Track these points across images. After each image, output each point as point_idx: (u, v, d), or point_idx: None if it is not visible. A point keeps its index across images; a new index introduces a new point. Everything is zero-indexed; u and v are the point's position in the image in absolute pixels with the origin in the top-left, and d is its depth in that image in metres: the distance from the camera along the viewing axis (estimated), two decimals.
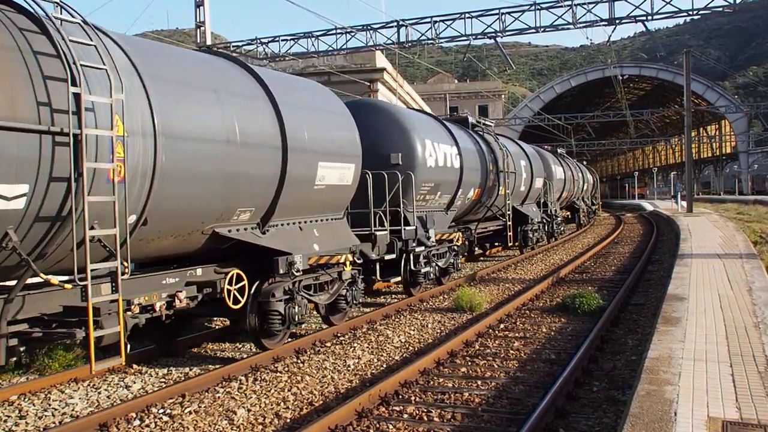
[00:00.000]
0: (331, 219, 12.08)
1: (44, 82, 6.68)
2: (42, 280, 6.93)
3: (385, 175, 14.15)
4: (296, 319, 10.37)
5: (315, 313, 12.41)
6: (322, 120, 11.54)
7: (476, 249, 24.54)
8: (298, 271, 10.32)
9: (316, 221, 11.56)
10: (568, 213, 40.65)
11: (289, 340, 10.70)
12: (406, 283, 15.44)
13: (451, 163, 17.25)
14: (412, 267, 15.16)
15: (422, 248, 15.41)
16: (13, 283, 7.01)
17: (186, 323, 11.45)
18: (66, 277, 7.06)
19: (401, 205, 14.69)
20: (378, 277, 14.41)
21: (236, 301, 9.64)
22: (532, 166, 26.76)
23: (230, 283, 9.55)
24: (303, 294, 10.71)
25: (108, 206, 7.15)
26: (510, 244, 23.91)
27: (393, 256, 14.22)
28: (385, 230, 13.89)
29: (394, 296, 16.37)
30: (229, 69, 10.09)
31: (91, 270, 6.95)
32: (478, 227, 21.74)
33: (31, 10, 7.00)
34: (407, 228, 14.74)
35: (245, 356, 10.43)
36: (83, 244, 6.93)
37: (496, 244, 25.49)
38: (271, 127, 9.90)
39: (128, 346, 7.81)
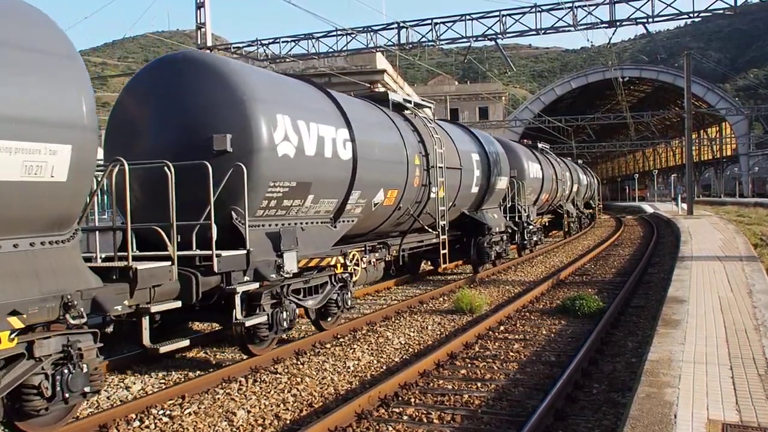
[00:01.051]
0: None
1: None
2: None
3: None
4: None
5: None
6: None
7: (421, 265, 21.15)
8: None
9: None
10: (545, 220, 33.68)
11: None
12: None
13: (334, 153, 11.82)
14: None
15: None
16: None
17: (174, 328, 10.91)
18: None
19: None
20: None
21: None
22: (489, 162, 20.96)
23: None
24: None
25: None
26: (444, 263, 17.94)
27: (178, 304, 8.56)
28: (165, 263, 8.22)
29: (366, 307, 16.26)
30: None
31: None
32: (406, 241, 16.17)
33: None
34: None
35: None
36: None
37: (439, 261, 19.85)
38: None
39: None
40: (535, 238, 26.92)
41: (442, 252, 17.25)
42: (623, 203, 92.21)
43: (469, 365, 9.73)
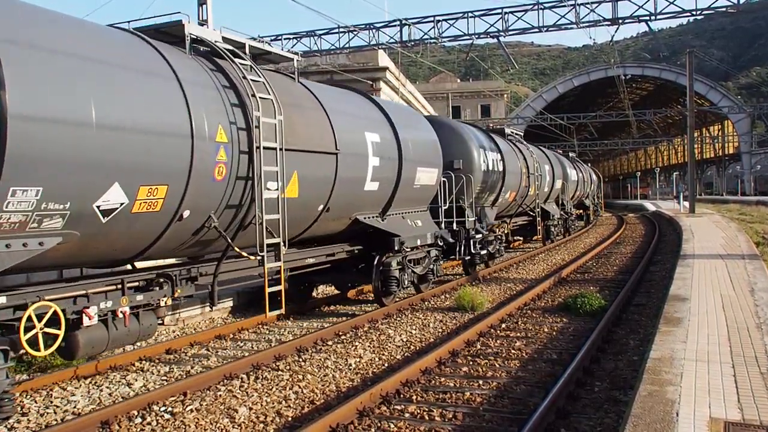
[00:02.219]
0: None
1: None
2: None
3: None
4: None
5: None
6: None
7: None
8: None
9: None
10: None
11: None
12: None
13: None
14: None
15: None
16: None
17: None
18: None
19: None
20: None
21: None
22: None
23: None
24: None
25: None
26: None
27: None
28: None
29: (368, 305, 16.20)
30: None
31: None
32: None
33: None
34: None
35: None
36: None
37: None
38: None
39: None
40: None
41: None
42: (625, 201, 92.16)
43: (471, 363, 9.73)
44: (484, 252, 19.53)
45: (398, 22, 28.14)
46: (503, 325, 12.36)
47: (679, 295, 12.09)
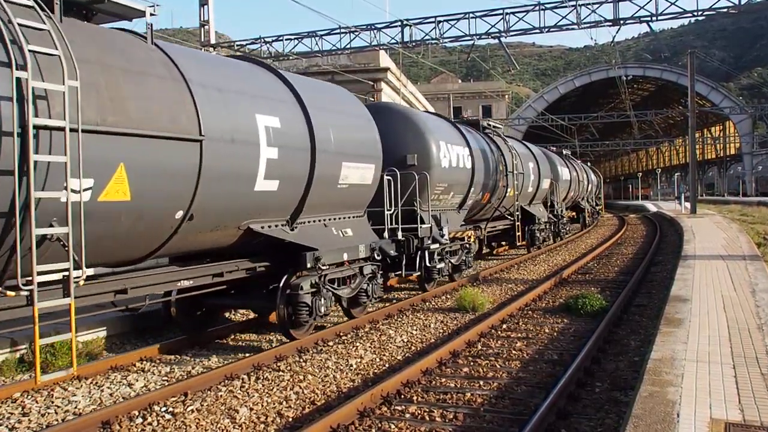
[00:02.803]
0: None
1: None
2: None
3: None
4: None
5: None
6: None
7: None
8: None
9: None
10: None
11: (313, 332, 10.69)
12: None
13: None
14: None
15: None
16: None
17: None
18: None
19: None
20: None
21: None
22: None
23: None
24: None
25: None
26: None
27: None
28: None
29: (405, 292, 16.71)
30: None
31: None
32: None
33: None
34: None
35: (273, 346, 11.14)
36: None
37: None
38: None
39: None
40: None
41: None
42: (626, 202, 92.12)
43: (472, 363, 9.73)
44: (442, 265, 16.41)
45: (399, 23, 28.12)
46: (504, 326, 12.36)
47: (680, 295, 12.09)
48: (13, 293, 6.76)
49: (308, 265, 10.82)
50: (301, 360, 10.05)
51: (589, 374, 9.01)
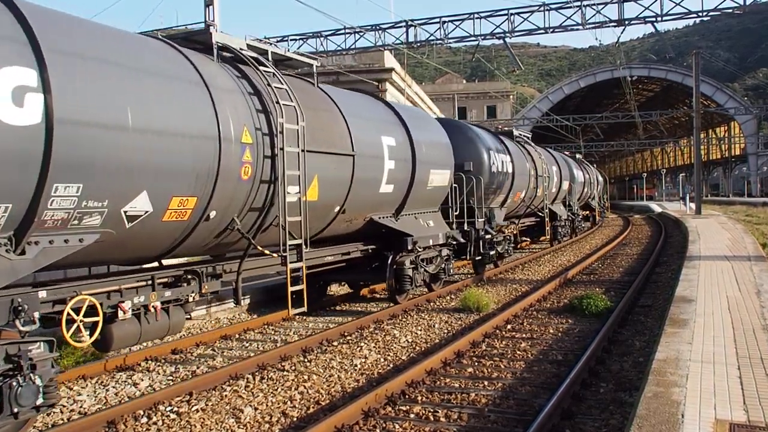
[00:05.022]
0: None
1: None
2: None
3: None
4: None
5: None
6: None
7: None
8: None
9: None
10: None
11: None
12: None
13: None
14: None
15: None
16: None
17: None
18: None
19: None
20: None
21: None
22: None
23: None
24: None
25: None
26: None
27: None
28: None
29: (373, 305, 15.85)
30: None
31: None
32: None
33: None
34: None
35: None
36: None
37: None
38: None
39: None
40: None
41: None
42: (631, 202, 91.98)
43: (476, 364, 9.73)
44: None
45: (404, 23, 28.16)
46: (508, 326, 12.36)
47: (684, 296, 12.07)
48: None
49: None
50: (306, 360, 10.07)
51: (594, 375, 9.01)
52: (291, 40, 29.63)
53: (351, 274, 14.87)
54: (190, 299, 9.41)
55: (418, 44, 28.72)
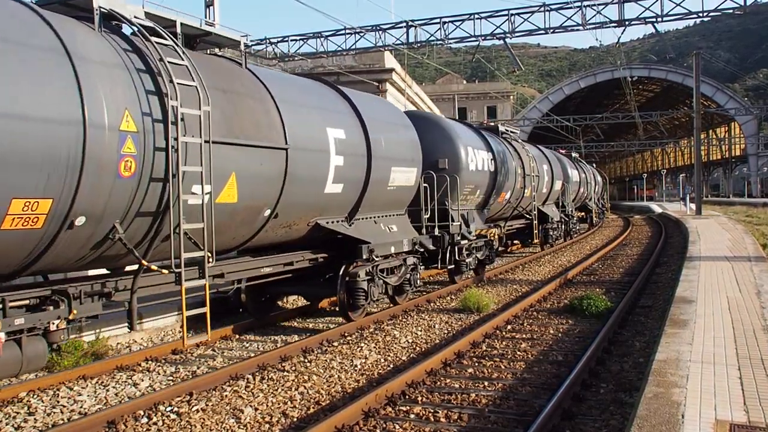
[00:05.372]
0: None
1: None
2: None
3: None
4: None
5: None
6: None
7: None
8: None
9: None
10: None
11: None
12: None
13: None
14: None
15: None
16: None
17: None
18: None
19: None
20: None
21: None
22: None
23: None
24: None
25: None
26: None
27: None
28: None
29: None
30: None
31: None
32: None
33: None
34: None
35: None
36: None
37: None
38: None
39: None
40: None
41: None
42: (631, 203, 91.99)
43: (477, 364, 9.73)
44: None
45: (404, 24, 28.15)
46: (509, 327, 12.36)
47: (685, 297, 12.07)
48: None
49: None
50: (306, 360, 10.07)
51: (594, 375, 9.01)
52: (291, 40, 29.61)
53: (301, 286, 13.21)
54: (53, 327, 7.58)
55: (419, 45, 28.71)
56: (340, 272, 12.12)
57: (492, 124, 24.64)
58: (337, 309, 13.40)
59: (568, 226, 32.37)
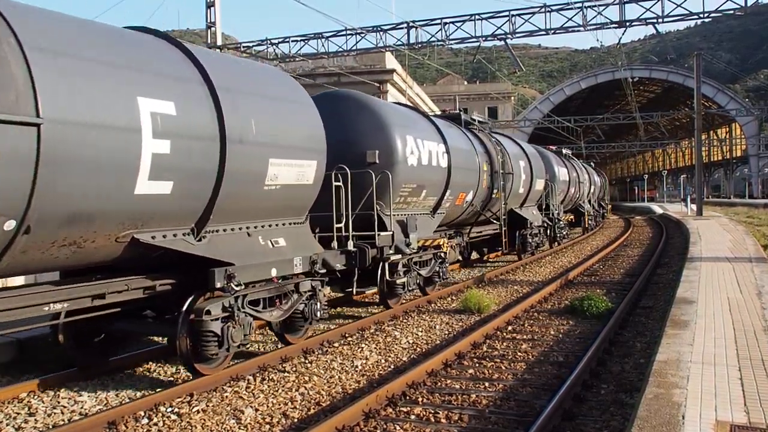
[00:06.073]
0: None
1: None
2: None
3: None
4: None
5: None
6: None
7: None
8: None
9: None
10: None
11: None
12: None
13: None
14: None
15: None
16: None
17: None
18: None
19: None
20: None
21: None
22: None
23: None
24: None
25: None
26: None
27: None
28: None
29: (374, 307, 14.83)
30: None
31: None
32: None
33: None
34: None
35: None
36: None
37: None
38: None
39: None
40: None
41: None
42: (632, 204, 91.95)
43: (477, 365, 9.73)
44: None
45: (405, 25, 28.13)
46: (509, 328, 12.36)
47: (685, 297, 12.06)
48: None
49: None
50: (307, 361, 10.07)
51: (595, 376, 9.01)
52: (292, 41, 29.60)
53: (138, 324, 9.50)
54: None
55: (419, 45, 28.68)
56: (183, 308, 8.59)
57: (454, 112, 21.19)
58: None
59: (554, 231, 28.64)
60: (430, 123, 16.61)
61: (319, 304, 10.83)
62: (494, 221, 21.20)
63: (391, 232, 13.33)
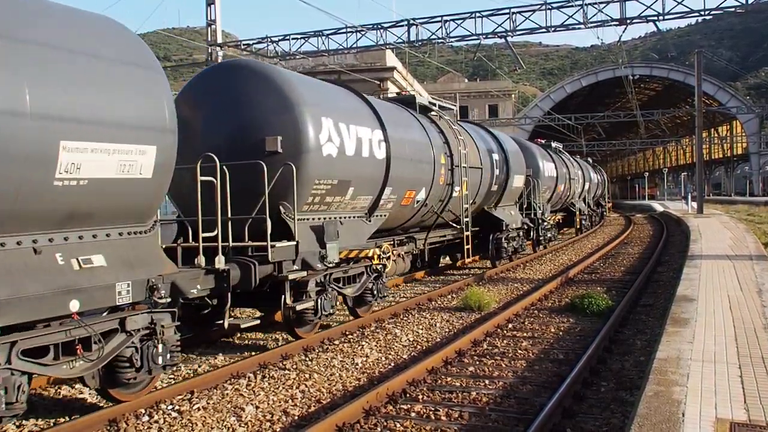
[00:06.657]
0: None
1: None
2: None
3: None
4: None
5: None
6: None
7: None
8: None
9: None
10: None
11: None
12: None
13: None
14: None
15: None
16: None
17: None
18: None
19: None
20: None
21: None
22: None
23: None
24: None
25: None
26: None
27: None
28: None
29: (374, 308, 13.77)
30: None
31: None
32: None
33: None
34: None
35: (279, 344, 10.95)
36: None
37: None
38: None
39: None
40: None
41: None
42: (633, 202, 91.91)
43: (477, 362, 9.74)
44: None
45: (406, 22, 28.13)
46: (510, 325, 12.36)
47: (686, 295, 12.07)
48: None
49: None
50: (307, 359, 10.07)
51: (595, 374, 9.02)
52: (293, 38, 29.60)
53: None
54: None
55: (420, 43, 28.69)
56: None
57: (407, 94, 18.82)
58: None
59: (537, 234, 25.87)
60: (365, 104, 13.34)
61: (155, 348, 7.71)
62: (453, 224, 17.96)
63: (294, 242, 10.18)
